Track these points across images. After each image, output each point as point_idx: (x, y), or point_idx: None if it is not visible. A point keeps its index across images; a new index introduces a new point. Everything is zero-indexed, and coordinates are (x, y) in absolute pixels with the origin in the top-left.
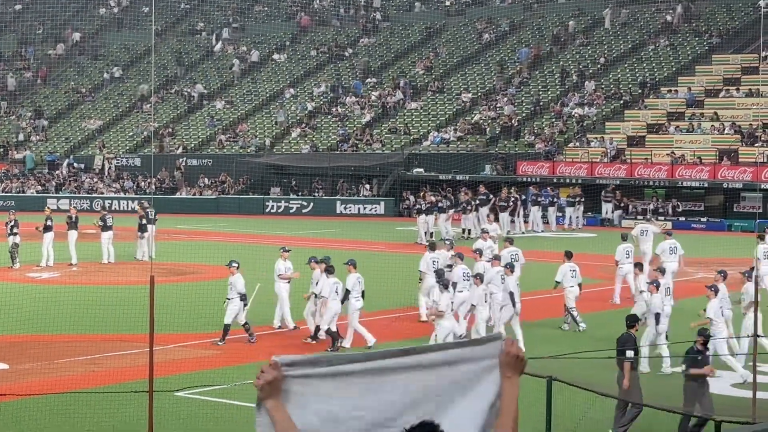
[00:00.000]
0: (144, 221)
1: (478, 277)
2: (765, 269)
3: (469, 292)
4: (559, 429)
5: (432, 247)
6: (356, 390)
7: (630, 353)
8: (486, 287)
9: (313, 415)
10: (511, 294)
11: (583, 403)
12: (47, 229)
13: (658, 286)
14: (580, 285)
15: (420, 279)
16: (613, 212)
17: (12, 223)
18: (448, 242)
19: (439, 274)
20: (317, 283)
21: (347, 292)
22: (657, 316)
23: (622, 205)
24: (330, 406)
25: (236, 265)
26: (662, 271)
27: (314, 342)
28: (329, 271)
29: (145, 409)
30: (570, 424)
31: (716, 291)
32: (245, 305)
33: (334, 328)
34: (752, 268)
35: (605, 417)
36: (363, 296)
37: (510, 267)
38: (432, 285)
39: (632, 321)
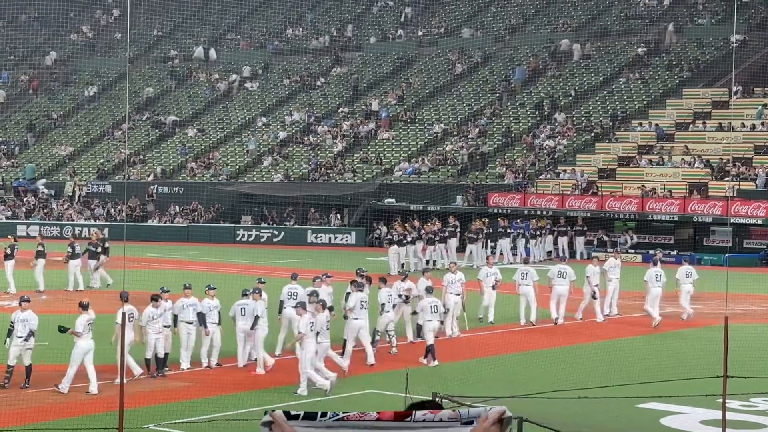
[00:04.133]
0: (98, 249)
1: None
2: (656, 291)
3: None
4: None
5: (384, 280)
6: None
7: None
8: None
9: None
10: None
11: None
12: (8, 257)
13: None
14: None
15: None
16: (583, 245)
17: None
18: (402, 273)
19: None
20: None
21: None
22: None
23: (591, 238)
24: None
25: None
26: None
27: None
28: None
29: None
30: None
31: None
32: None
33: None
34: None
35: None
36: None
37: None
38: (391, 319)
39: None
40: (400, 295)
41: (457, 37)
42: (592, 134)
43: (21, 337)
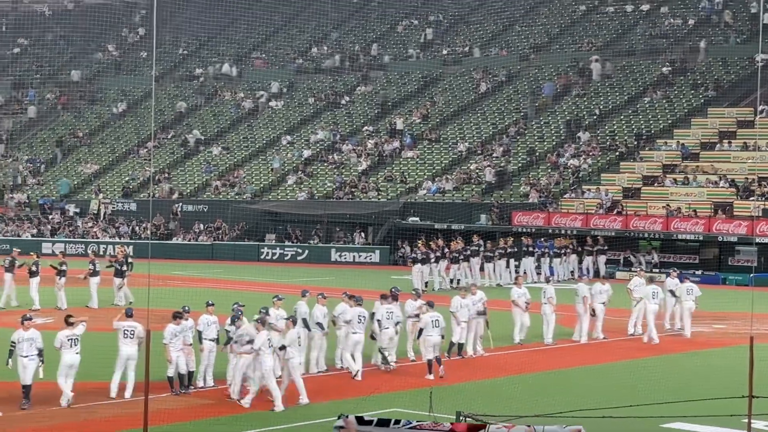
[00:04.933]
0: (123, 267)
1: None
2: (654, 307)
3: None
4: None
5: (385, 297)
6: None
7: None
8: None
9: None
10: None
11: None
12: (32, 274)
13: None
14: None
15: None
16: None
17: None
18: (414, 291)
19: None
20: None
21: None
22: None
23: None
24: None
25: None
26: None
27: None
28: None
29: None
30: None
31: None
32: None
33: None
34: None
35: None
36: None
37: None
38: (391, 336)
39: None
40: (410, 316)
41: (481, 56)
42: (617, 153)
43: (26, 356)
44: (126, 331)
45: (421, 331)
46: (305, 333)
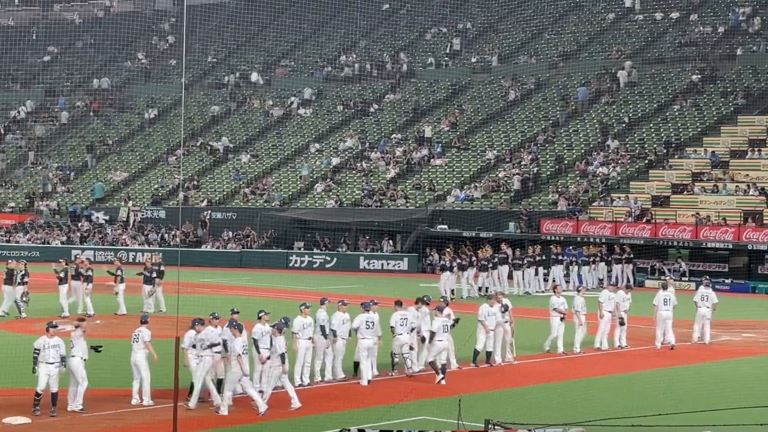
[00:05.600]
0: (153, 274)
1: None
2: (667, 314)
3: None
4: None
5: (399, 303)
6: None
7: None
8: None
9: None
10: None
11: None
12: (61, 281)
13: None
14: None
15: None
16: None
17: (22, 273)
18: (442, 299)
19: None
20: None
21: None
22: None
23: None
24: None
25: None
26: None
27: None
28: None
29: None
30: None
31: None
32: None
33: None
34: None
35: None
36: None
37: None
38: (404, 342)
39: None
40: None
41: (510, 64)
42: (646, 161)
43: (52, 363)
44: (133, 336)
45: (432, 335)
46: (322, 340)
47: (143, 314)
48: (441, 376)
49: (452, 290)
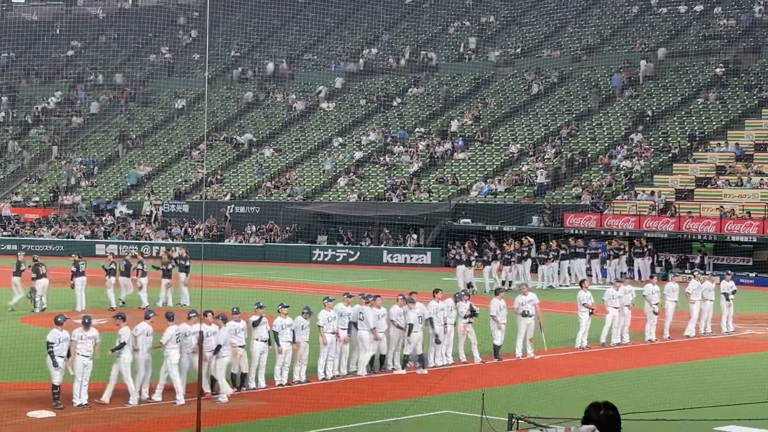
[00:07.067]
0: (170, 267)
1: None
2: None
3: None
4: None
5: (412, 301)
6: None
7: None
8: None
9: None
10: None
11: None
12: (77, 274)
13: None
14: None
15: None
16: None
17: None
18: (464, 292)
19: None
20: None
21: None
22: None
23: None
24: None
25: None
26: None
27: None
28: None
29: None
30: None
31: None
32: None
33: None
34: None
35: None
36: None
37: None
38: (420, 338)
39: None
40: (466, 316)
41: (534, 58)
42: (670, 155)
43: (63, 357)
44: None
45: (410, 327)
46: (357, 334)
47: (148, 309)
48: (419, 365)
49: (468, 283)
